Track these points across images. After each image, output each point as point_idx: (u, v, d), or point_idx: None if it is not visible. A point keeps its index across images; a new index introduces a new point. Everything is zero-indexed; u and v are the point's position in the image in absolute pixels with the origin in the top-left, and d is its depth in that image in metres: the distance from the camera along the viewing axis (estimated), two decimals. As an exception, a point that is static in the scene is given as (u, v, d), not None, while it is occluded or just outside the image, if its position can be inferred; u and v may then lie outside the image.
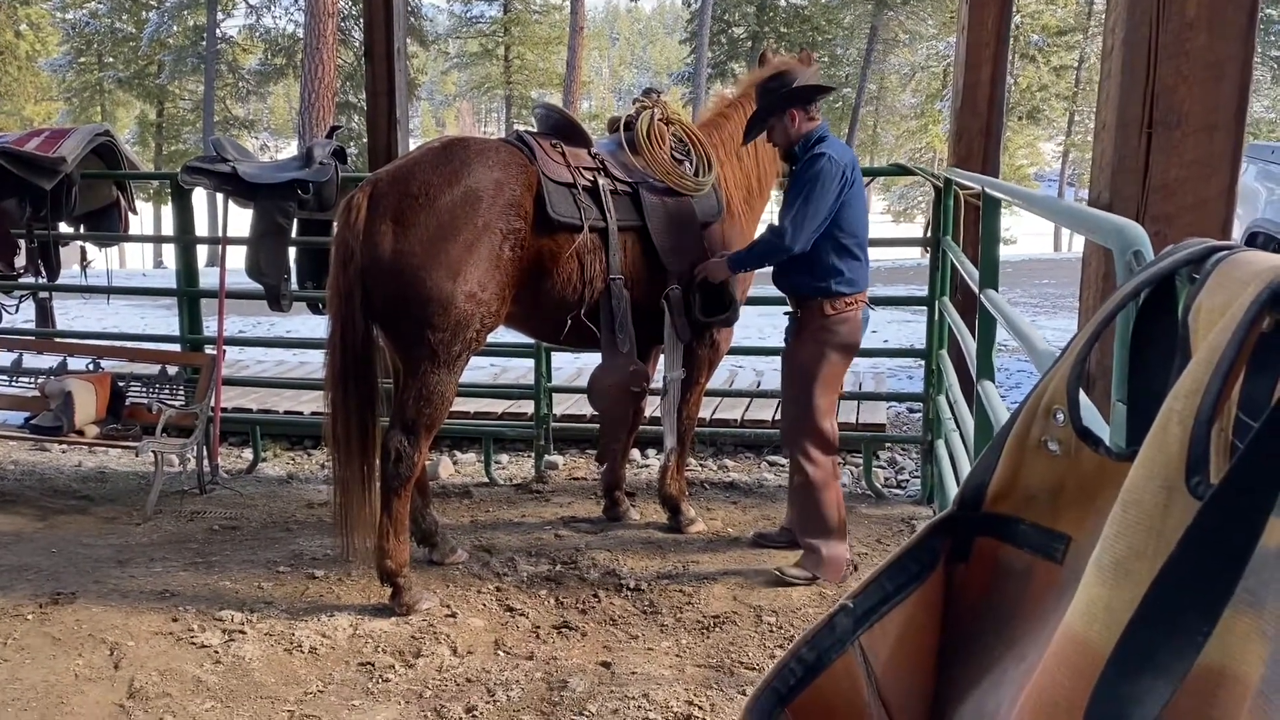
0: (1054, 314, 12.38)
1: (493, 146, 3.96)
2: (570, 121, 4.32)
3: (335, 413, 3.80)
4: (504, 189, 3.80)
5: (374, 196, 3.73)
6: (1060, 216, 2.76)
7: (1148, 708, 0.59)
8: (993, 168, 5.49)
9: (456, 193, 3.72)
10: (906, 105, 36.40)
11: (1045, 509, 0.90)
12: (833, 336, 3.99)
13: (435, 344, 3.73)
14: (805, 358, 4.03)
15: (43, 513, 5.09)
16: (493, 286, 3.78)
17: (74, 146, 5.53)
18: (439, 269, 3.67)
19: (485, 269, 3.74)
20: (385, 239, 3.67)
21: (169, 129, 33.20)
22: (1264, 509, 0.61)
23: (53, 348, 5.97)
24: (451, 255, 3.68)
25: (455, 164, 3.78)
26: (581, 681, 3.36)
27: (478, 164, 3.81)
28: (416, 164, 3.81)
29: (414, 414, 3.78)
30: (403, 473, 3.79)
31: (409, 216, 3.68)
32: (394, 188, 3.73)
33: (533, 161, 3.95)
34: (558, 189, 3.94)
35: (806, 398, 4.03)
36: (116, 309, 12.63)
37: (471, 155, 3.83)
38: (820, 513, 4.07)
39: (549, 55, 35.67)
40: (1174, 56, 2.83)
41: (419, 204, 3.69)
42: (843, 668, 0.88)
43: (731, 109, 4.59)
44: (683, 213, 4.25)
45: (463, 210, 3.71)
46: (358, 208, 3.71)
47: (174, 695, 3.29)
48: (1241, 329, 0.67)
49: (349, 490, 3.82)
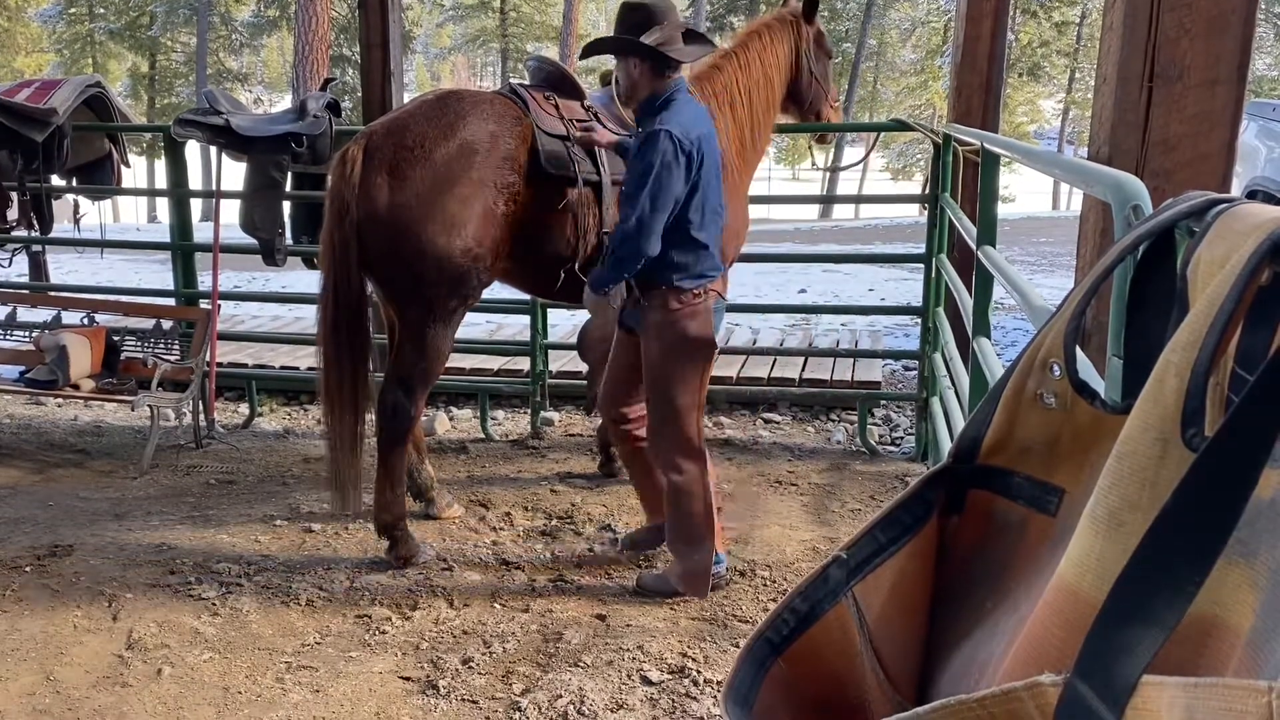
0: (1051, 272, 12.37)
1: (487, 99, 3.92)
2: (563, 73, 4.26)
3: (328, 367, 3.78)
4: (499, 142, 3.76)
5: (369, 149, 3.69)
6: (1059, 171, 2.74)
7: (1139, 657, 0.60)
8: (992, 124, 5.45)
9: (452, 146, 3.68)
10: (906, 61, 36.09)
11: (1040, 462, 0.90)
12: (681, 333, 3.49)
13: (431, 299, 3.71)
14: (656, 358, 3.55)
15: (39, 466, 5.10)
16: (488, 241, 3.75)
17: (65, 98, 5.46)
18: (434, 223, 3.64)
19: (481, 223, 3.71)
20: (381, 192, 3.64)
21: (161, 82, 32.87)
22: (1258, 461, 0.61)
23: (47, 301, 5.95)
24: (447, 209, 3.65)
25: (450, 116, 3.74)
26: (577, 634, 3.39)
27: (473, 116, 3.76)
28: (411, 116, 3.77)
29: (410, 369, 3.78)
30: (399, 427, 3.79)
31: (404, 170, 3.65)
32: (389, 140, 3.70)
33: (526, 114, 3.90)
34: (551, 141, 3.89)
35: (664, 402, 3.57)
36: (110, 263, 12.57)
37: (466, 107, 3.79)
38: (686, 523, 3.63)
39: (545, 8, 35.26)
40: (1176, 9, 2.80)
41: (414, 157, 3.65)
42: (836, 618, 0.88)
43: (725, 59, 4.48)
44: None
45: (458, 163, 3.67)
46: (353, 160, 3.67)
47: (172, 646, 3.31)
48: (1241, 281, 0.67)
49: (341, 445, 3.80)
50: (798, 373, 6.12)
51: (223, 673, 3.17)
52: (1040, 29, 31.03)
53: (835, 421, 5.92)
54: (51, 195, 5.93)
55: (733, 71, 4.39)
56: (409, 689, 3.10)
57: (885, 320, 8.42)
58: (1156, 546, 0.61)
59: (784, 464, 5.15)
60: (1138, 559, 0.62)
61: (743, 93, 4.42)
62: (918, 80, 34.09)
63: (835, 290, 10.34)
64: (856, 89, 33.94)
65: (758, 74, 4.46)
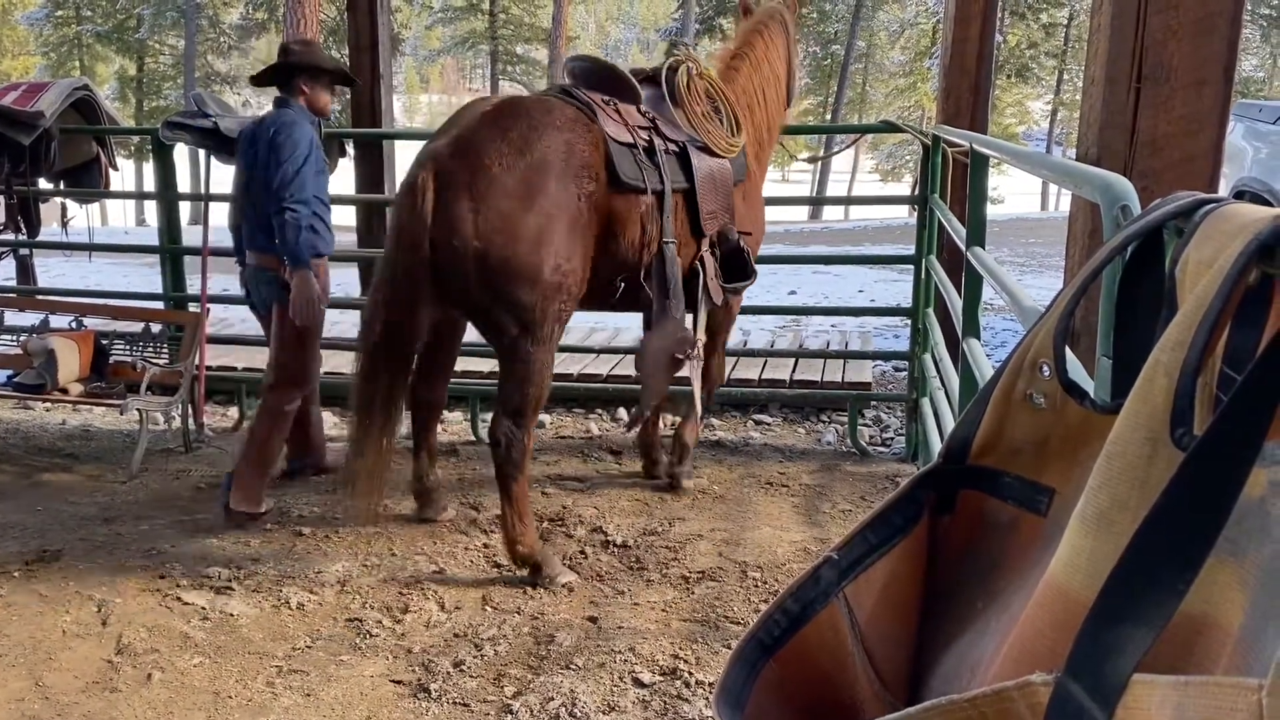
0: (1040, 273, 12.40)
1: (554, 106, 3.73)
2: (616, 74, 4.11)
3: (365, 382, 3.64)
4: (575, 151, 3.60)
5: (440, 175, 3.46)
6: (1048, 171, 2.75)
7: (1129, 656, 0.60)
8: (981, 125, 5.47)
9: (531, 160, 3.49)
10: (895, 63, 36.15)
11: (1030, 462, 0.91)
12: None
13: (529, 323, 3.54)
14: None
15: (27, 471, 5.07)
16: (577, 255, 3.60)
17: (52, 101, 5.44)
18: (523, 243, 3.45)
19: (567, 237, 3.55)
20: (464, 221, 3.42)
21: (149, 84, 32.74)
22: (1247, 460, 0.61)
23: (35, 305, 5.92)
24: (533, 227, 3.46)
25: (522, 128, 3.54)
26: (568, 636, 3.39)
27: (545, 127, 3.58)
28: (477, 133, 3.54)
29: (519, 399, 3.63)
30: (515, 458, 3.65)
31: (484, 191, 3.44)
32: (461, 163, 3.47)
33: (594, 121, 3.75)
34: (620, 150, 3.75)
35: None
36: (99, 266, 12.52)
37: (536, 117, 3.60)
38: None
39: (535, 10, 35.26)
40: (1163, 11, 2.82)
41: (493, 177, 3.44)
42: (827, 619, 0.88)
43: (739, 60, 4.47)
44: (723, 174, 4.11)
45: (539, 178, 3.49)
46: (423, 189, 3.44)
47: (162, 651, 3.30)
48: (1229, 281, 0.67)
49: (362, 453, 3.67)
50: (788, 374, 6.12)
51: (213, 677, 3.16)
52: (1028, 31, 31.14)
53: (826, 422, 5.93)
54: (39, 198, 5.91)
55: (748, 73, 4.38)
56: (400, 693, 3.09)
57: (875, 321, 8.43)
58: (1146, 546, 0.62)
59: (775, 465, 5.15)
60: (1128, 558, 0.62)
61: (759, 94, 4.43)
62: (906, 82, 34.16)
63: (825, 291, 10.36)
64: (846, 90, 34.02)
65: (768, 72, 4.49)
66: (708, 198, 4.03)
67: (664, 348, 3.92)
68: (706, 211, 4.03)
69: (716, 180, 4.09)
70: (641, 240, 3.84)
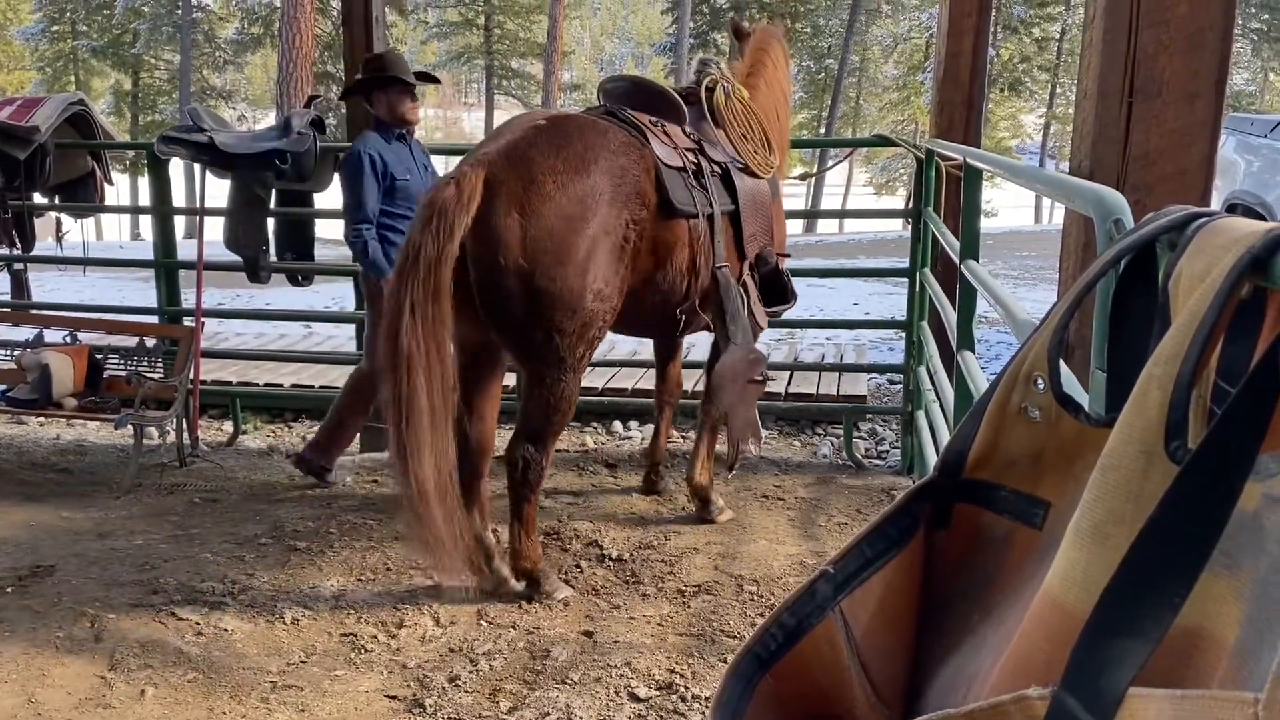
0: (1034, 285, 12.44)
1: (608, 128, 3.62)
2: (662, 93, 4.04)
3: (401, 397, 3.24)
4: (628, 176, 3.50)
5: (490, 181, 3.29)
6: (1041, 185, 2.77)
7: (1125, 670, 0.60)
8: (974, 139, 5.49)
9: (586, 181, 3.38)
10: (889, 77, 36.31)
11: (1025, 475, 0.91)
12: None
13: (562, 348, 3.42)
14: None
15: (21, 485, 5.05)
16: (615, 282, 3.49)
17: (48, 115, 5.45)
18: (568, 265, 3.33)
19: (609, 264, 3.44)
20: (512, 232, 3.28)
21: (145, 99, 32.79)
22: (1241, 473, 0.61)
23: (29, 320, 5.91)
24: (582, 251, 3.35)
25: (578, 147, 3.43)
26: (564, 650, 3.38)
27: (600, 149, 3.48)
28: (532, 146, 3.40)
29: (542, 423, 3.55)
30: (531, 480, 3.59)
31: (537, 206, 3.29)
32: (515, 173, 3.32)
33: (645, 144, 3.66)
34: (671, 174, 3.65)
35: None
36: (93, 281, 12.51)
37: (591, 138, 3.49)
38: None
39: (530, 25, 35.40)
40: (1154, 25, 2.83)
41: (545, 193, 3.30)
42: (823, 633, 0.88)
43: (754, 80, 4.45)
44: (762, 194, 4.09)
45: (592, 200, 3.38)
46: (472, 190, 3.25)
47: (155, 667, 3.28)
48: (1221, 295, 0.68)
49: (429, 497, 3.24)
50: (783, 387, 6.13)
51: (207, 693, 3.14)
52: (1021, 45, 31.33)
53: (821, 435, 5.93)
54: (34, 213, 5.91)
55: (765, 92, 4.41)
56: (395, 708, 3.08)
57: (870, 334, 8.45)
58: (1142, 559, 0.62)
59: (771, 478, 5.15)
60: (1123, 572, 0.62)
61: (774, 114, 4.45)
62: (900, 96, 34.30)
63: (820, 304, 10.38)
64: (839, 105, 34.15)
65: (778, 92, 4.52)
66: (750, 219, 3.98)
67: (741, 373, 3.83)
68: (749, 233, 3.98)
69: (757, 201, 4.06)
70: (691, 266, 3.76)
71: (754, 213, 4.02)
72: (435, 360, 3.26)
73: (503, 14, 35.34)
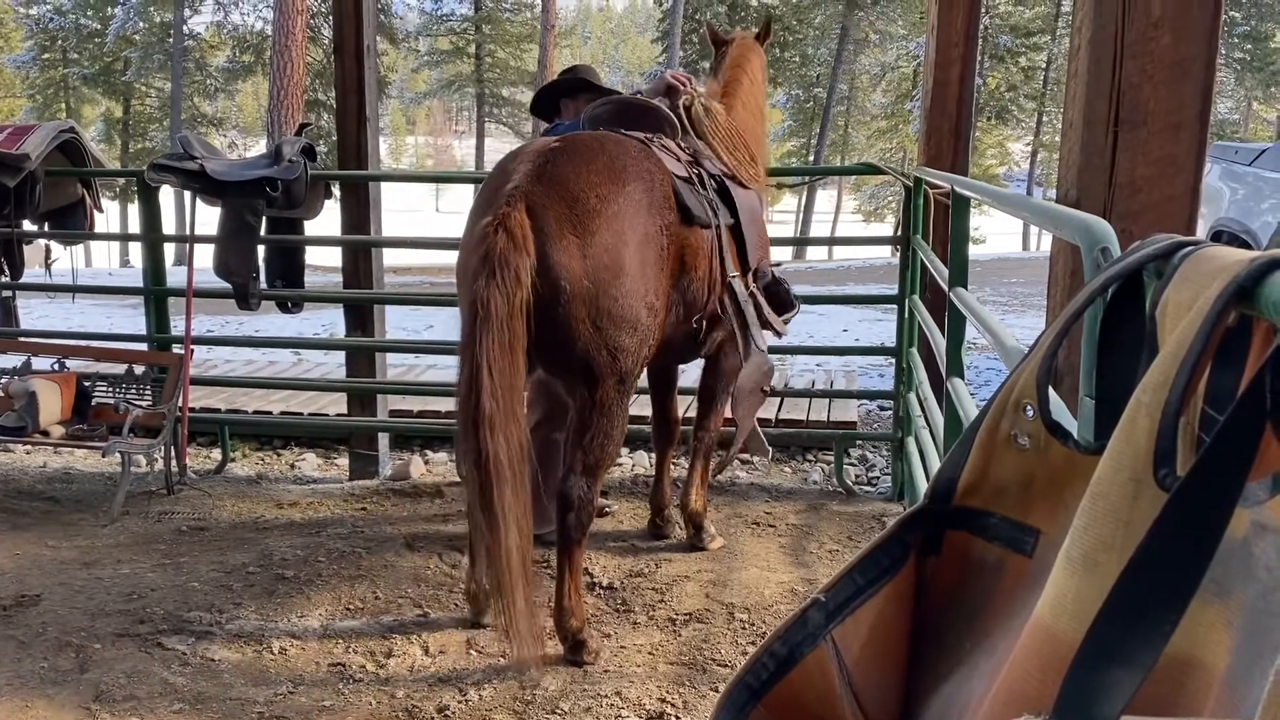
0: (1023, 312, 12.49)
1: (621, 139, 3.53)
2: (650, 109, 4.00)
3: (487, 466, 3.00)
4: (655, 181, 3.41)
5: (534, 209, 3.11)
6: (1029, 213, 2.78)
7: (1116, 698, 0.60)
8: (962, 167, 5.53)
9: (625, 189, 3.26)
10: (877, 105, 36.61)
11: (1015, 502, 0.91)
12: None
13: (623, 370, 3.26)
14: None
15: (7, 514, 5.01)
16: (662, 292, 3.36)
17: (38, 143, 5.44)
18: (629, 279, 3.19)
19: (655, 274, 3.31)
20: (572, 255, 3.11)
21: (135, 126, 32.85)
22: (1230, 500, 0.62)
23: (16, 347, 5.88)
24: (636, 262, 3.22)
25: (604, 159, 3.30)
26: (554, 680, 3.35)
27: (625, 156, 3.37)
28: (561, 165, 3.24)
29: (599, 454, 3.33)
30: (584, 520, 3.34)
31: (588, 224, 3.15)
32: (555, 195, 3.16)
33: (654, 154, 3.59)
34: (683, 184, 3.58)
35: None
36: (82, 308, 12.47)
37: (612, 148, 3.38)
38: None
39: (521, 53, 35.64)
40: (1138, 56, 2.87)
41: (592, 209, 3.16)
42: (815, 662, 0.88)
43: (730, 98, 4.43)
44: (755, 204, 4.08)
45: (633, 210, 3.26)
46: (522, 229, 3.05)
47: (141, 698, 3.25)
48: (1208, 323, 0.68)
49: (513, 567, 3.00)
50: (774, 413, 6.12)
51: (193, 724, 3.11)
52: (1008, 74, 31.62)
53: (812, 462, 5.92)
54: (23, 240, 5.90)
55: (744, 100, 4.40)
56: (384, 738, 3.05)
57: (860, 360, 8.46)
58: (1132, 587, 0.62)
59: (761, 505, 5.14)
60: (1114, 599, 0.62)
61: (753, 129, 4.45)
62: (888, 124, 34.57)
63: (810, 331, 10.40)
64: (828, 133, 34.40)
65: (754, 107, 4.52)
66: (749, 230, 3.94)
67: (757, 383, 3.78)
68: (750, 243, 3.93)
69: (753, 211, 4.03)
70: (709, 277, 3.68)
71: (752, 224, 3.99)
72: (512, 421, 3.05)
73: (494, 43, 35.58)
